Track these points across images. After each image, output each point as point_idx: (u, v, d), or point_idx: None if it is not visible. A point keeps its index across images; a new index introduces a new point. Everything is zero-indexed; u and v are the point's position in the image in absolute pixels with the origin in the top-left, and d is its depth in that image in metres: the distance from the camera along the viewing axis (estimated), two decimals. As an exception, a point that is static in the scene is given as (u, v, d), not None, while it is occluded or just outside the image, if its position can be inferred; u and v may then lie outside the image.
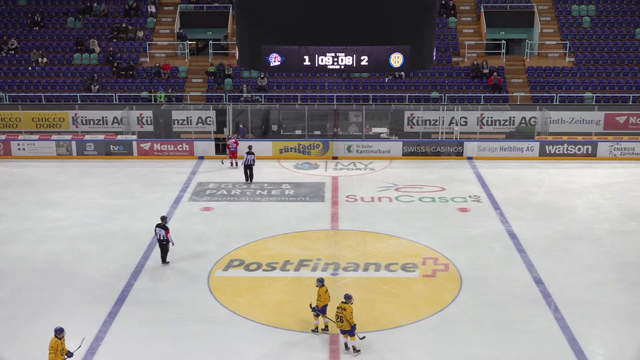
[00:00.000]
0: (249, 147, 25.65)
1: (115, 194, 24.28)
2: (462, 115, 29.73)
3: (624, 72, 32.79)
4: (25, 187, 25.01)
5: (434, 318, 15.60)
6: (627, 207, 22.86)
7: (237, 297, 16.55)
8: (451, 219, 21.84)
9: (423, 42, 13.13)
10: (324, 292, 14.70)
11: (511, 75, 33.15)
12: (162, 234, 18.11)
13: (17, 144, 29.04)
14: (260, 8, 12.90)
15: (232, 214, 22.24)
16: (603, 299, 16.46)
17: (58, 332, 13.00)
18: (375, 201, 23.52)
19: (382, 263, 18.38)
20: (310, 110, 29.83)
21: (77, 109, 30.53)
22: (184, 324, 15.30)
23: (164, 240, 18.17)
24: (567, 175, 26.42)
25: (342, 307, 13.92)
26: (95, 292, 16.78)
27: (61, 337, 13.00)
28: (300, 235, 20.43)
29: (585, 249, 19.46)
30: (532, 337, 14.78)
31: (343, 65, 12.54)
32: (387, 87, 32.49)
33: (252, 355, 14.18)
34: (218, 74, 32.89)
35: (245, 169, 25.40)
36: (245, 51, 13.46)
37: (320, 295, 14.71)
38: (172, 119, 29.98)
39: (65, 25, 35.68)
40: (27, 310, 15.92)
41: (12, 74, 33.48)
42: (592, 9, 35.56)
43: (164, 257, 18.36)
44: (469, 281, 17.35)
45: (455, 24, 35.64)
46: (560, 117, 29.82)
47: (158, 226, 18.18)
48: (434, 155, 28.97)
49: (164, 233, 18.11)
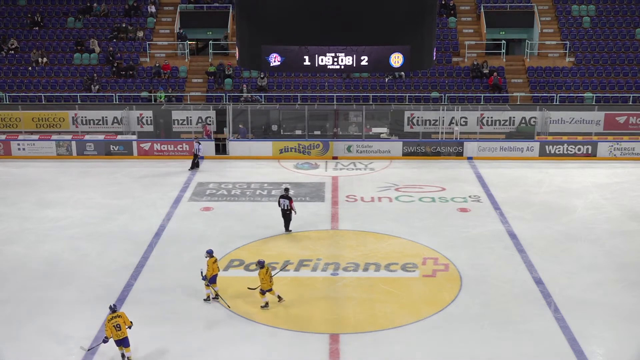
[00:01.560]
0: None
1: (115, 194, 24.29)
2: (462, 115, 29.74)
3: (624, 72, 32.79)
4: (25, 187, 25.01)
5: (434, 318, 15.60)
6: (627, 207, 22.87)
7: (237, 297, 16.55)
8: (451, 219, 21.84)
9: (423, 42, 13.13)
10: (212, 263, 16.07)
11: (511, 75, 33.15)
12: (287, 203, 19.99)
13: (17, 144, 29.04)
14: (260, 8, 12.90)
15: (232, 214, 22.24)
16: (603, 299, 16.46)
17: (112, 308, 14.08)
18: (375, 201, 23.52)
19: (382, 263, 18.38)
20: (310, 110, 29.83)
21: (77, 109, 30.53)
22: (184, 324, 15.30)
23: (287, 209, 20.00)
24: (567, 175, 26.42)
25: None
26: (95, 292, 16.78)
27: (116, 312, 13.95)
28: (300, 235, 20.43)
29: (585, 249, 19.46)
30: (532, 337, 14.78)
31: (343, 65, 12.53)
32: (387, 87, 32.50)
33: (252, 355, 14.19)
34: (218, 74, 32.90)
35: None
36: (245, 51, 13.46)
37: (209, 265, 16.05)
38: (172, 119, 29.98)
39: (65, 25, 35.69)
40: (27, 310, 15.92)
41: (12, 74, 33.48)
42: (592, 9, 35.57)
43: (287, 225, 20.25)
44: (469, 281, 17.35)
45: (455, 24, 35.64)
46: (560, 117, 29.82)
47: (282, 197, 20.09)
48: (434, 155, 28.98)
49: (287, 203, 19.99)
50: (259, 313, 15.76)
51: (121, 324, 13.74)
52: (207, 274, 16.09)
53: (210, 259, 16.11)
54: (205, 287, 16.18)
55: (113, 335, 13.71)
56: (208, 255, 16.18)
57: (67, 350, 14.38)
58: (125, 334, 13.79)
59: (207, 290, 16.23)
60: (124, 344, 13.85)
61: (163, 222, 21.51)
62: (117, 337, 13.72)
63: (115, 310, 13.89)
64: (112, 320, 13.72)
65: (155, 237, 20.25)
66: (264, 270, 15.79)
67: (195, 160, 27.06)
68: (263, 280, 15.79)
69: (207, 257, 16.17)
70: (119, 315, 13.85)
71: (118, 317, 13.79)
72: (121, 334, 13.73)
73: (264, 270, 15.79)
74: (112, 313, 13.85)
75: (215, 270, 16.13)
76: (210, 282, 16.10)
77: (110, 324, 13.70)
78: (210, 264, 16.08)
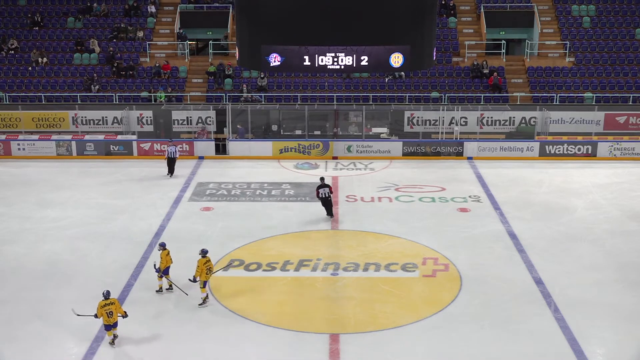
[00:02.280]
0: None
1: (115, 194, 24.29)
2: (462, 115, 29.73)
3: (624, 72, 32.79)
4: (25, 187, 25.01)
5: (434, 318, 15.60)
6: (627, 207, 22.87)
7: (237, 297, 16.56)
8: (451, 219, 21.84)
9: (423, 42, 13.13)
10: (165, 256, 16.47)
11: (511, 75, 33.15)
12: (327, 191, 21.23)
13: (17, 144, 29.04)
14: (260, 8, 12.90)
15: (232, 214, 22.25)
16: (603, 299, 16.46)
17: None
18: (375, 201, 23.52)
19: (382, 263, 18.38)
20: (310, 110, 29.83)
21: (77, 109, 30.53)
22: (184, 324, 15.30)
23: (328, 196, 21.26)
24: (567, 175, 26.42)
25: None
26: (95, 292, 16.68)
27: None
28: (300, 235, 20.43)
29: (585, 249, 19.46)
30: (532, 337, 14.78)
31: (343, 65, 12.53)
32: (387, 87, 32.50)
33: (252, 355, 14.19)
34: (218, 74, 32.90)
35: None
36: (245, 51, 13.46)
37: (162, 258, 16.46)
38: (172, 119, 29.98)
39: (65, 25, 35.69)
40: (27, 310, 15.91)
41: (12, 74, 33.48)
42: (592, 9, 35.57)
43: (330, 211, 21.56)
44: (469, 281, 17.35)
45: (455, 24, 35.64)
46: (560, 117, 29.82)
47: (321, 187, 21.24)
48: (434, 155, 28.98)
49: (328, 190, 21.26)
50: (259, 313, 15.75)
51: (113, 311, 14.20)
52: (160, 266, 16.54)
53: (163, 251, 16.60)
54: (159, 278, 16.64)
55: (104, 320, 14.19)
56: (161, 248, 16.68)
57: (67, 350, 14.39)
58: (116, 320, 14.29)
59: (160, 282, 16.73)
60: (113, 326, 14.33)
61: (163, 222, 21.51)
62: (108, 322, 14.20)
63: (108, 297, 14.29)
64: (105, 307, 14.16)
65: (155, 237, 20.24)
66: (204, 260, 16.08)
67: (171, 165, 26.00)
68: (198, 268, 16.07)
69: (160, 249, 16.68)
70: (112, 302, 14.28)
71: (111, 305, 14.23)
72: (112, 320, 14.20)
73: (204, 260, 16.08)
74: (105, 300, 14.26)
75: (168, 262, 16.59)
76: (163, 273, 16.58)
77: (103, 310, 14.13)
78: (164, 256, 16.56)
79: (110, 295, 14.40)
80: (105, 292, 14.34)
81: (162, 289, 16.76)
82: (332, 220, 21.63)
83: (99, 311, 14.21)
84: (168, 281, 16.70)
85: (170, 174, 26.02)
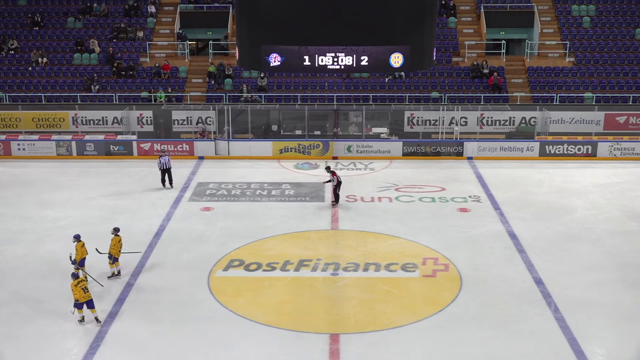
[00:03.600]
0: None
1: (115, 194, 24.29)
2: (462, 115, 29.74)
3: (624, 72, 32.80)
4: (25, 187, 25.01)
5: (434, 318, 15.60)
6: (627, 207, 22.87)
7: (237, 297, 16.56)
8: (451, 219, 21.84)
9: (423, 42, 13.13)
10: (81, 247, 16.94)
11: (511, 75, 33.16)
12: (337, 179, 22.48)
13: (17, 144, 29.04)
14: (260, 8, 12.90)
15: (232, 214, 22.24)
16: (603, 299, 16.46)
17: None
18: (375, 201, 23.52)
19: (382, 263, 18.38)
20: (310, 110, 29.83)
21: (77, 109, 30.54)
22: (184, 324, 15.30)
23: None
24: (567, 175, 26.43)
25: None
26: (95, 292, 16.74)
27: None
28: (300, 235, 20.43)
29: (585, 249, 19.46)
30: (532, 337, 14.78)
31: (343, 65, 12.53)
32: (387, 87, 32.50)
33: (252, 355, 14.18)
34: (218, 74, 32.90)
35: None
36: (245, 51, 13.46)
37: (77, 249, 16.90)
38: (172, 119, 29.99)
39: (65, 25, 35.69)
40: (27, 310, 15.91)
41: (12, 74, 33.48)
42: (592, 9, 35.58)
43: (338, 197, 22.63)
44: (469, 281, 17.35)
45: (455, 24, 35.64)
46: (560, 117, 29.83)
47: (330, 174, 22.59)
48: (434, 155, 28.98)
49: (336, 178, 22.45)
50: (259, 313, 15.75)
51: (87, 287, 15.16)
52: (76, 258, 16.90)
53: (78, 243, 16.99)
54: (75, 269, 16.71)
55: (80, 298, 14.94)
56: (75, 240, 17.05)
57: (67, 350, 14.39)
58: (91, 297, 15.11)
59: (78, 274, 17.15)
60: (88, 305, 15.08)
61: (163, 222, 21.51)
62: (85, 298, 14.98)
63: (78, 276, 15.26)
64: (79, 284, 15.01)
65: (155, 237, 20.25)
66: (117, 239, 17.33)
67: (165, 177, 24.61)
68: (114, 247, 17.15)
69: (75, 241, 17.04)
70: (82, 279, 15.23)
71: (84, 281, 15.20)
72: (87, 296, 15.03)
73: (117, 239, 17.33)
74: (75, 279, 15.10)
75: (84, 253, 17.06)
76: (79, 265, 16.90)
77: (78, 287, 14.97)
78: (79, 248, 16.96)
79: (79, 275, 15.36)
80: (74, 274, 15.29)
81: None
82: (332, 220, 21.64)
83: (74, 290, 14.95)
84: (83, 273, 16.80)
85: (170, 184, 24.58)
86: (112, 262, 17.47)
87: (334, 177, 22.71)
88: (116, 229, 17.75)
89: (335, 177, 22.70)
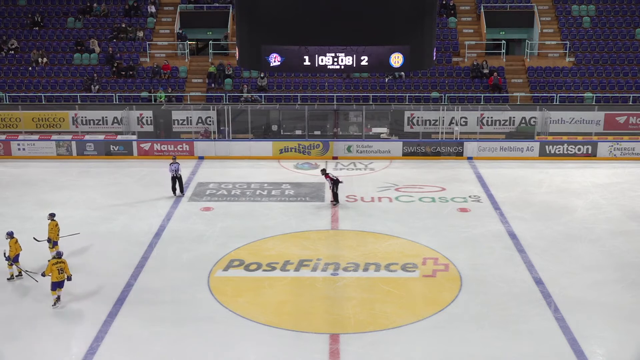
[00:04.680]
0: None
1: (115, 194, 24.29)
2: (462, 115, 29.74)
3: (624, 72, 32.80)
4: (25, 187, 25.01)
5: (434, 318, 15.60)
6: (627, 207, 22.87)
7: (237, 297, 16.56)
8: (451, 219, 21.84)
9: (423, 42, 13.13)
10: (14, 244, 17.23)
11: (511, 75, 33.16)
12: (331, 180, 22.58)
13: (17, 144, 29.04)
14: (260, 8, 12.90)
15: (232, 214, 22.24)
16: (603, 299, 16.46)
17: None
18: (375, 201, 23.52)
19: (382, 263, 18.38)
20: (310, 110, 29.84)
21: (77, 109, 30.55)
22: (184, 324, 15.30)
23: None
24: (567, 175, 26.42)
25: None
26: (95, 292, 16.78)
27: None
28: (300, 235, 20.43)
29: (585, 249, 19.46)
30: (532, 337, 14.78)
31: (343, 65, 12.53)
32: (387, 87, 32.50)
33: (252, 355, 14.19)
34: (218, 74, 32.90)
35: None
36: (245, 51, 13.46)
37: (11, 246, 17.19)
38: (172, 119, 29.99)
39: (65, 25, 35.70)
40: (27, 310, 15.92)
41: (12, 74, 33.49)
42: (592, 9, 35.58)
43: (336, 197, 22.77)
44: (469, 281, 17.35)
45: (455, 24, 35.65)
46: (560, 117, 29.83)
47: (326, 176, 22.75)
48: (434, 155, 28.98)
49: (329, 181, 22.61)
50: (259, 313, 15.75)
51: (64, 269, 15.96)
52: (10, 254, 17.16)
53: (11, 239, 17.27)
54: (8, 266, 17.29)
55: (53, 277, 15.81)
56: (9, 236, 17.33)
57: (67, 350, 14.40)
58: (64, 278, 15.97)
59: (10, 270, 17.42)
60: (60, 285, 15.99)
61: (163, 222, 21.51)
62: (57, 279, 15.85)
63: (60, 257, 16.04)
64: (57, 265, 15.86)
65: (155, 237, 20.25)
66: (54, 223, 18.12)
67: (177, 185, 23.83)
68: (11, 248, 17.19)
69: (8, 238, 17.31)
70: (62, 261, 16.00)
71: (62, 263, 15.96)
72: (61, 277, 15.90)
73: (54, 223, 18.12)
74: (57, 258, 15.97)
75: (18, 249, 17.31)
76: (13, 261, 17.24)
77: (55, 267, 15.82)
78: (12, 244, 17.22)
79: (62, 255, 16.18)
80: (57, 253, 16.19)
81: (13, 277, 17.41)
82: (332, 220, 21.65)
83: (49, 268, 15.84)
84: (18, 268, 17.36)
85: (181, 192, 23.81)
86: (52, 246, 18.13)
87: (327, 178, 22.85)
88: (51, 215, 18.49)
89: (328, 178, 22.79)
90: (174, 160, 23.73)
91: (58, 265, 15.85)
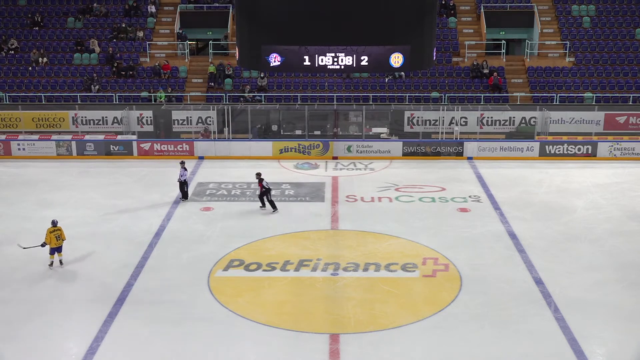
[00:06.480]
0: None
1: (115, 194, 24.28)
2: (462, 115, 29.74)
3: (624, 72, 32.80)
4: (25, 187, 25.01)
5: (434, 318, 15.60)
6: (627, 207, 22.87)
7: (237, 297, 16.56)
8: (451, 219, 21.84)
9: (423, 42, 13.12)
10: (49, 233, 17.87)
11: (511, 75, 33.16)
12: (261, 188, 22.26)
13: (17, 144, 29.04)
14: (260, 8, 12.90)
15: (232, 214, 22.24)
16: (603, 299, 16.46)
17: None
18: (375, 201, 23.52)
19: (382, 263, 18.38)
20: (310, 110, 29.84)
21: (77, 109, 30.55)
22: (184, 324, 15.30)
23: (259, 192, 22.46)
24: (567, 175, 26.42)
25: None
26: (95, 292, 16.78)
27: None
28: (300, 235, 20.43)
29: (585, 249, 19.46)
30: (532, 337, 14.78)
31: (343, 65, 12.53)
32: (387, 87, 32.50)
33: (252, 355, 14.19)
34: (218, 74, 32.90)
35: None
36: (245, 51, 13.46)
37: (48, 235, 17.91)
38: (172, 119, 29.99)
39: (65, 25, 35.70)
40: (27, 310, 15.91)
41: (12, 74, 33.49)
42: (592, 9, 35.58)
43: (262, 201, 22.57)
44: (469, 281, 17.35)
45: (455, 24, 35.65)
46: (560, 117, 29.83)
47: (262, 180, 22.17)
48: (434, 155, 28.98)
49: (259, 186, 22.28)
50: (259, 313, 15.76)
51: (60, 235, 17.74)
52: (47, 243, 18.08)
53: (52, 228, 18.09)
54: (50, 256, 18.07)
55: (52, 243, 17.62)
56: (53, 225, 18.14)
57: (67, 350, 14.40)
58: (61, 244, 17.83)
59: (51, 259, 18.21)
60: (58, 250, 17.85)
61: (163, 222, 21.51)
62: (56, 245, 17.69)
63: (55, 225, 17.80)
64: (54, 232, 17.68)
65: (155, 237, 20.26)
66: (52, 229, 18.10)
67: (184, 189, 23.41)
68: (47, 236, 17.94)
69: None
70: (58, 229, 17.77)
71: (58, 230, 17.73)
72: (59, 243, 17.72)
73: (52, 229, 18.10)
74: (53, 227, 17.73)
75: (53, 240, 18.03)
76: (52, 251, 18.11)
77: (52, 234, 17.63)
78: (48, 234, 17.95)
79: (57, 224, 17.84)
80: (52, 222, 17.85)
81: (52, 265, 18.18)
82: (332, 220, 21.64)
83: (47, 236, 17.62)
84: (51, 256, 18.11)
85: (185, 197, 23.40)
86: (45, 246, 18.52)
87: (259, 185, 22.18)
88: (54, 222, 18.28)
89: (260, 185, 22.11)
90: (183, 165, 23.23)
91: (55, 233, 17.67)
